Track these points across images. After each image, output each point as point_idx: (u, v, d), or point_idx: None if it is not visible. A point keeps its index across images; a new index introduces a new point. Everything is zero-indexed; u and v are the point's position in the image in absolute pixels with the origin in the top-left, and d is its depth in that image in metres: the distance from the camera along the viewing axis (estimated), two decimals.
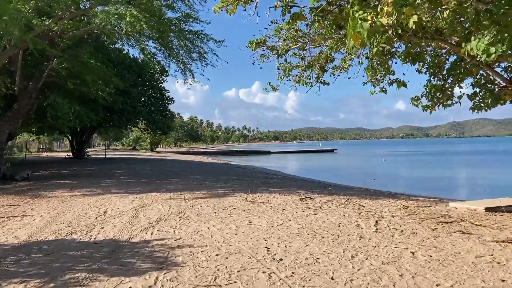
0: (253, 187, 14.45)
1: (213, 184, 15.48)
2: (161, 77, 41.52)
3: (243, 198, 11.48)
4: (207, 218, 8.64)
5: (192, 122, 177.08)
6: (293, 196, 12.10)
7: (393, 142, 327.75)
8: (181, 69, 18.84)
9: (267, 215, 8.86)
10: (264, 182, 17.02)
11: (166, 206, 10.22)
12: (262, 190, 13.64)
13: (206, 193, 12.54)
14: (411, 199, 12.62)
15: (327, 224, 7.89)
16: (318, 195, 12.71)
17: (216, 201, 10.80)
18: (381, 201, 11.69)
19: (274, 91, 10.91)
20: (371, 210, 9.74)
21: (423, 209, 9.98)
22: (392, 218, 8.52)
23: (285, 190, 13.88)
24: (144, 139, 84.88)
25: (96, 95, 19.20)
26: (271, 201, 10.90)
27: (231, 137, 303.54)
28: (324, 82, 11.34)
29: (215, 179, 17.96)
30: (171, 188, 14.14)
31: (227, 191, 13.25)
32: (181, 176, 19.65)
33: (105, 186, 15.06)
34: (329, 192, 13.99)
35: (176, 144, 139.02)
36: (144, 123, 42.89)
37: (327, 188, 16.14)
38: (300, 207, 9.97)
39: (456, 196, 17.56)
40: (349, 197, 12.65)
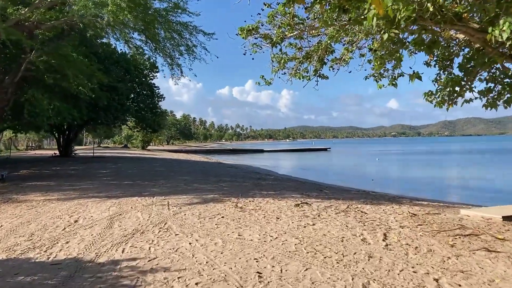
0: (244, 191, 13.38)
1: (202, 187, 14.37)
2: (151, 73, 40.36)
3: (233, 203, 10.39)
4: (191, 229, 7.54)
5: (185, 120, 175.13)
6: (288, 201, 11.03)
7: (385, 140, 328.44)
8: (169, 63, 17.72)
9: (259, 226, 7.78)
10: (257, 184, 15.93)
11: (146, 214, 9.10)
12: (254, 194, 12.55)
13: (192, 198, 11.43)
14: (416, 204, 11.61)
15: (329, 238, 6.82)
16: (315, 200, 11.66)
17: (203, 208, 9.70)
18: (384, 207, 10.66)
19: (267, 85, 9.82)
20: (375, 218, 8.70)
21: (432, 217, 8.96)
22: (401, 230, 7.47)
23: (279, 194, 12.81)
24: (136, 137, 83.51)
25: (78, 91, 17.95)
26: (264, 208, 9.82)
27: (224, 135, 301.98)
28: (323, 75, 10.27)
29: (205, 181, 16.85)
30: (155, 191, 13.00)
31: (216, 195, 12.14)
32: (169, 177, 18.50)
33: (84, 189, 13.89)
34: (326, 196, 12.95)
35: (168, 142, 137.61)
36: (133, 121, 41.71)
37: (323, 191, 15.09)
38: (297, 215, 8.90)
39: (460, 199, 16.62)
40: (349, 201, 11.61)
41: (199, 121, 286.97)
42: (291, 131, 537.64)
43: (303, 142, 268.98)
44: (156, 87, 40.15)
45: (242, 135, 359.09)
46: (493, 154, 57.20)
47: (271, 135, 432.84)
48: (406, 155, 61.71)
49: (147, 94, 39.46)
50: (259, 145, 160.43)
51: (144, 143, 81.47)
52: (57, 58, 17.32)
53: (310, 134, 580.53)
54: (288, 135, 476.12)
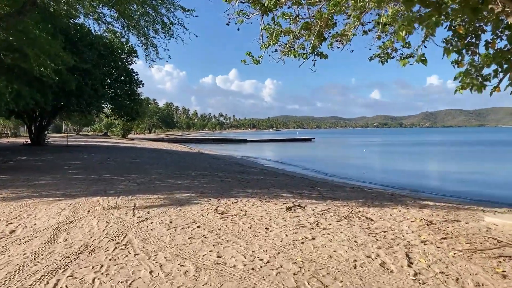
0: (226, 188, 11.66)
1: (178, 183, 12.58)
2: (129, 58, 38.11)
3: (212, 206, 8.67)
4: (156, 246, 5.82)
5: (167, 109, 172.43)
6: (277, 203, 9.37)
7: (368, 131, 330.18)
8: (143, 43, 15.75)
9: (245, 241, 6.09)
10: (240, 180, 14.22)
11: (104, 221, 7.32)
12: (238, 193, 10.84)
13: (165, 198, 9.66)
14: (423, 206, 10.10)
15: (337, 263, 5.17)
16: (309, 200, 10.04)
17: (176, 213, 7.95)
18: (390, 210, 9.10)
19: (255, 64, 8.08)
20: (386, 228, 7.10)
21: (453, 226, 7.41)
22: (425, 248, 5.88)
23: (267, 193, 11.13)
24: (116, 125, 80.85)
25: (40, 72, 15.88)
26: (250, 213, 8.12)
27: (207, 124, 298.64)
28: (322, 54, 8.57)
29: (182, 175, 15.07)
30: (122, 189, 11.18)
31: (193, 194, 10.38)
32: (143, 170, 16.65)
33: (40, 185, 11.98)
34: (320, 195, 11.34)
35: (150, 130, 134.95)
36: (110, 108, 39.47)
37: (315, 188, 13.49)
38: (290, 224, 7.23)
39: (462, 194, 15.25)
40: (347, 202, 10.03)
41: (182, 109, 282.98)
42: (274, 121, 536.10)
43: (287, 132, 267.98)
44: (134, 73, 37.88)
45: (225, 124, 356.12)
46: (479, 146, 56.56)
47: (254, 125, 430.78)
48: (392, 146, 60.68)
49: (125, 80, 37.15)
50: (243, 134, 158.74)
51: (125, 132, 78.95)
52: (16, 35, 15.27)
53: (293, 124, 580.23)
54: (272, 125, 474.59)
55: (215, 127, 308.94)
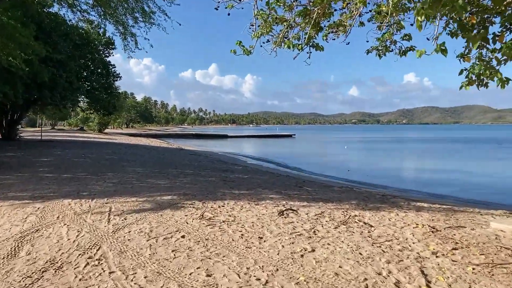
0: (211, 189, 10.88)
1: (158, 184, 11.73)
2: (106, 50, 36.83)
3: (197, 211, 7.90)
4: (135, 262, 5.04)
5: (145, 103, 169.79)
6: (267, 206, 8.66)
7: (346, 127, 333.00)
8: (121, 33, 14.77)
9: (237, 255, 5.36)
10: (225, 180, 13.45)
11: (75, 229, 6.48)
12: (224, 194, 10.09)
13: (144, 201, 8.83)
14: (420, 209, 9.58)
15: (345, 282, 4.49)
16: (300, 202, 9.37)
17: (156, 219, 7.15)
18: (387, 214, 8.51)
19: (246, 54, 7.32)
20: (390, 237, 6.48)
21: (460, 233, 6.85)
22: (439, 261, 5.26)
23: (255, 194, 10.41)
24: (92, 120, 78.80)
25: (9, 63, 14.75)
26: (240, 218, 7.39)
27: (187, 119, 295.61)
28: (318, 46, 7.86)
29: (162, 174, 14.21)
30: (97, 190, 10.28)
31: (176, 196, 9.58)
32: (120, 168, 15.70)
33: (6, 185, 10.97)
34: (310, 196, 10.68)
35: (128, 125, 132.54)
36: (86, 102, 38.13)
37: (303, 187, 12.83)
38: (285, 231, 6.54)
39: (452, 193, 14.85)
40: (339, 204, 9.40)
41: (161, 104, 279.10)
42: (254, 116, 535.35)
43: (267, 127, 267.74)
44: (111, 65, 36.61)
45: (205, 119, 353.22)
46: (458, 143, 57.07)
47: (234, 120, 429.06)
48: (373, 143, 60.77)
49: (102, 72, 35.90)
50: (223, 130, 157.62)
51: (101, 126, 77.03)
52: None
53: (273, 119, 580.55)
54: (252, 120, 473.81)
55: (195, 122, 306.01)
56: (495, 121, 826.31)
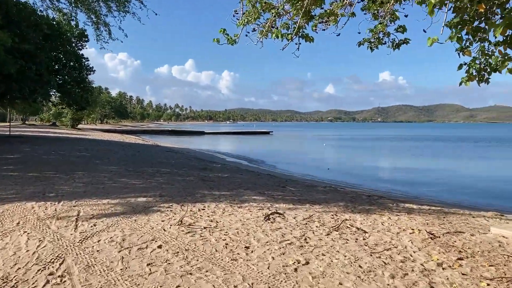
0: (189, 190, 10.17)
1: (132, 184, 10.93)
2: (79, 42, 35.43)
3: (175, 216, 7.20)
4: (104, 279, 4.32)
5: (120, 98, 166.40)
6: (251, 209, 8.03)
7: (323, 125, 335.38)
8: (93, 22, 13.83)
9: (222, 269, 4.70)
10: (204, 179, 12.74)
11: (37, 238, 5.70)
12: (204, 196, 9.39)
13: (116, 204, 8.06)
14: (411, 211, 9.15)
15: None
16: (285, 205, 8.78)
17: (130, 226, 6.43)
18: (378, 217, 8.01)
19: (231, 44, 6.66)
20: (386, 244, 5.95)
21: (460, 240, 6.38)
22: (447, 274, 4.72)
23: (236, 195, 9.76)
24: (65, 115, 76.42)
25: None
26: (222, 224, 6.73)
27: (163, 115, 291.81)
28: (307, 36, 7.27)
29: (137, 173, 13.40)
30: (65, 191, 9.44)
31: (151, 198, 8.83)
32: (92, 166, 14.79)
33: None
34: (295, 197, 10.11)
35: (102, 121, 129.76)
36: (58, 96, 36.63)
37: (287, 187, 12.26)
38: (273, 240, 5.91)
39: (437, 193, 14.52)
40: (327, 207, 8.87)
41: (136, 99, 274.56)
42: (231, 113, 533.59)
43: (244, 124, 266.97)
44: (84, 58, 35.22)
45: (182, 116, 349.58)
46: (435, 142, 57.67)
47: (211, 117, 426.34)
48: (351, 141, 60.83)
49: (74, 66, 34.48)
50: (200, 126, 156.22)
51: (74, 122, 74.85)
52: None
53: (250, 116, 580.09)
54: (229, 117, 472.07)
55: (171, 118, 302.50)
56: (467, 119, 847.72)
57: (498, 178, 20.70)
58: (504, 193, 16.13)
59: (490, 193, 16.02)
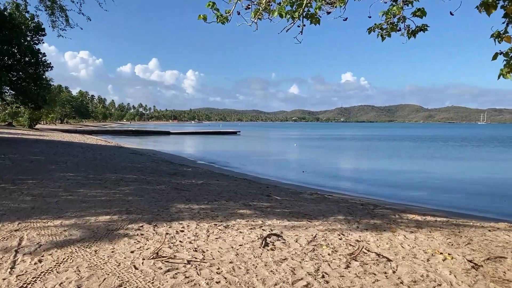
0: (162, 203, 8.55)
1: (93, 196, 9.20)
2: (35, 36, 32.87)
3: (147, 243, 5.63)
4: None
5: (81, 97, 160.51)
6: (242, 230, 6.55)
7: (288, 125, 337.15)
8: (46, 7, 11.94)
9: None
10: (177, 187, 11.11)
11: None
12: (180, 211, 7.81)
13: (72, 226, 6.38)
14: (419, 224, 7.97)
15: None
16: (279, 221, 7.37)
17: (89, 261, 4.81)
18: (393, 237, 6.75)
19: (221, 23, 5.20)
20: (425, 279, 4.64)
21: (510, 270, 5.15)
22: None
23: (218, 209, 8.25)
24: (22, 114, 72.12)
25: None
26: (210, 255, 5.21)
27: (126, 115, 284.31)
28: (313, 17, 5.90)
29: (99, 181, 11.62)
30: (7, 207, 7.60)
31: (116, 216, 7.17)
32: (46, 172, 12.86)
33: None
34: (285, 209, 8.72)
35: (62, 120, 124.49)
36: (12, 94, 33.86)
37: (272, 196, 10.85)
38: (283, 278, 4.47)
39: (427, 198, 13.46)
40: (327, 221, 7.53)
41: (98, 99, 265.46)
42: (196, 113, 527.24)
43: (210, 124, 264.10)
44: (41, 54, 32.65)
45: (145, 115, 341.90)
46: (403, 141, 57.81)
47: (175, 116, 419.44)
48: (320, 141, 60.16)
49: (29, 61, 31.90)
50: (164, 126, 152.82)
51: (32, 121, 70.74)
52: None
53: (215, 116, 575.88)
54: (194, 117, 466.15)
55: (134, 118, 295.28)
56: (426, 119, 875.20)
57: (477, 179, 20.06)
58: (486, 194, 15.37)
59: (474, 195, 15.25)
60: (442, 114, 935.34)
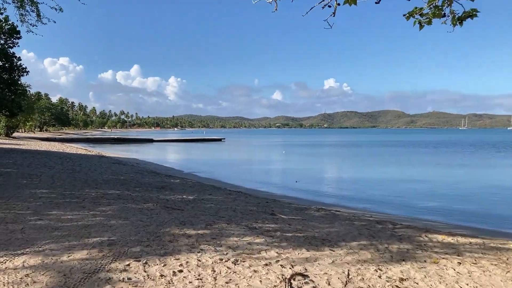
0: (151, 228, 7.09)
1: (68, 220, 7.68)
2: (9, 39, 31.01)
3: None
4: None
5: (61, 104, 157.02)
6: (255, 267, 5.19)
7: (272, 131, 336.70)
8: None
9: None
10: (167, 205, 9.67)
11: None
12: (175, 239, 6.37)
13: (38, 268, 4.89)
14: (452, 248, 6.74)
15: None
16: (297, 251, 6.05)
17: None
18: (439, 270, 5.48)
19: None
20: None
21: None
22: None
23: (220, 234, 6.84)
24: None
25: None
26: None
27: (107, 122, 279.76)
28: None
29: (76, 199, 10.10)
30: None
31: (95, 249, 5.70)
32: (14, 189, 11.22)
33: None
34: (300, 234, 7.39)
35: (42, 128, 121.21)
36: None
37: (276, 215, 9.50)
38: None
39: (437, 209, 12.27)
40: (352, 250, 6.24)
41: (79, 106, 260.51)
42: (179, 120, 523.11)
43: (193, 131, 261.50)
44: (16, 58, 30.84)
45: (127, 123, 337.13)
46: (392, 148, 57.11)
47: (158, 123, 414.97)
48: (308, 147, 59.11)
49: (3, 66, 30.04)
50: (147, 133, 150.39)
51: (9, 130, 68.05)
52: None
53: (198, 123, 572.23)
54: (176, 124, 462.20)
55: (116, 125, 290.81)
56: (408, 125, 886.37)
57: (483, 186, 19.01)
58: (498, 202, 14.29)
59: (486, 203, 14.15)
60: (424, 119, 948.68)
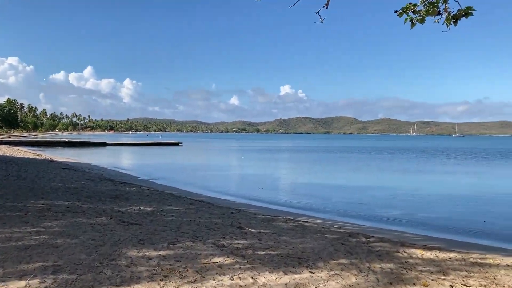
0: (105, 250, 6.14)
1: (5, 240, 6.54)
2: None
3: None
4: None
5: (9, 106, 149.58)
6: None
7: (229, 136, 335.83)
8: None
9: None
10: (123, 219, 8.70)
11: None
12: (134, 265, 5.48)
13: None
14: (437, 265, 6.31)
15: None
16: (273, 275, 5.38)
17: None
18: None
19: None
20: None
21: None
22: None
23: (186, 257, 6.01)
24: None
25: None
26: None
27: (59, 125, 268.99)
28: None
29: (16, 213, 8.92)
30: None
31: (35, 279, 4.68)
32: None
33: None
34: (274, 253, 6.69)
35: None
36: None
37: (244, 228, 8.77)
38: None
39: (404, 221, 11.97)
40: (333, 272, 5.63)
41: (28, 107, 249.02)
42: (134, 123, 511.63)
43: (148, 135, 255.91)
44: None
45: (80, 125, 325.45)
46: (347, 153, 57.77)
47: (112, 126, 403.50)
48: (266, 152, 58.81)
49: None
50: (100, 136, 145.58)
51: None
52: None
53: (154, 126, 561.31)
54: (131, 127, 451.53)
55: (67, 128, 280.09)
56: (360, 131, 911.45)
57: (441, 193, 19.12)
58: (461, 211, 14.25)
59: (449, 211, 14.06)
60: (375, 126, 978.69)
